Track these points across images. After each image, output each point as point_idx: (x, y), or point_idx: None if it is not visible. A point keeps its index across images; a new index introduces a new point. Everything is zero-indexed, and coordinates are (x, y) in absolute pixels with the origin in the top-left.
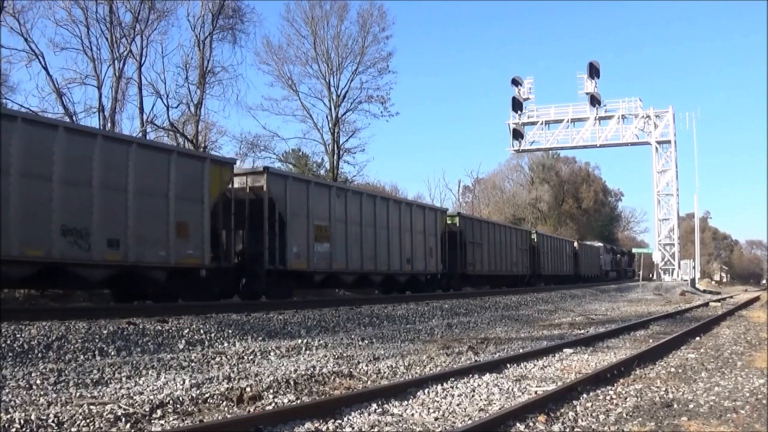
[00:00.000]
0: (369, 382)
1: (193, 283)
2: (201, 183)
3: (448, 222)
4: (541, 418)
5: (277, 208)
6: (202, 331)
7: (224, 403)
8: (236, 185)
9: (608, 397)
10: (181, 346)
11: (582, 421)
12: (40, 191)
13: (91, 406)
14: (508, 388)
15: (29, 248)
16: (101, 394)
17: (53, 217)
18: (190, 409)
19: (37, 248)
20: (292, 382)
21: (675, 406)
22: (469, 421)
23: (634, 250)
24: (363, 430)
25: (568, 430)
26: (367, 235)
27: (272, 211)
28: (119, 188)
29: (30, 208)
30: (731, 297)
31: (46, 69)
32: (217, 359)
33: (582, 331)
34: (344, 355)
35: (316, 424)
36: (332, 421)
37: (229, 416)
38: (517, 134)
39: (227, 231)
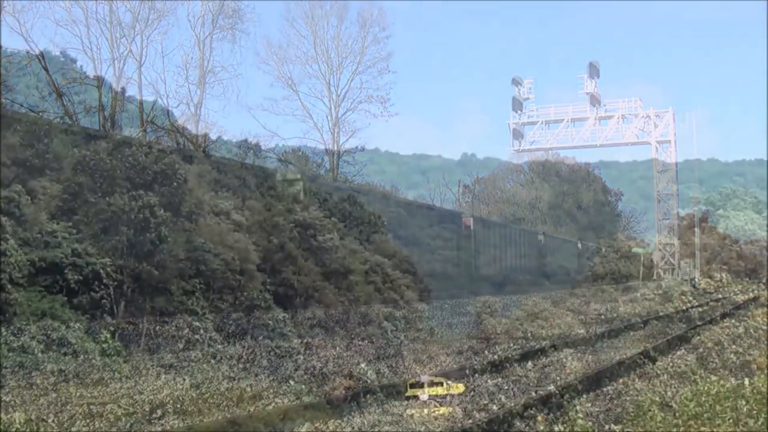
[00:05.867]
0: None
1: None
2: None
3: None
4: (541, 417)
5: None
6: (202, 331)
7: (224, 402)
8: None
9: (608, 397)
10: (181, 346)
11: (582, 420)
12: None
13: (91, 406)
14: (507, 388)
15: None
16: (101, 394)
17: None
18: (190, 409)
19: None
20: (291, 382)
21: (675, 405)
22: None
23: (634, 250)
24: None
25: (568, 430)
26: None
27: None
28: None
29: None
30: (731, 297)
31: (46, 69)
32: (217, 359)
33: (582, 331)
34: None
35: (317, 424)
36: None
37: (229, 416)
38: (517, 134)
39: None
